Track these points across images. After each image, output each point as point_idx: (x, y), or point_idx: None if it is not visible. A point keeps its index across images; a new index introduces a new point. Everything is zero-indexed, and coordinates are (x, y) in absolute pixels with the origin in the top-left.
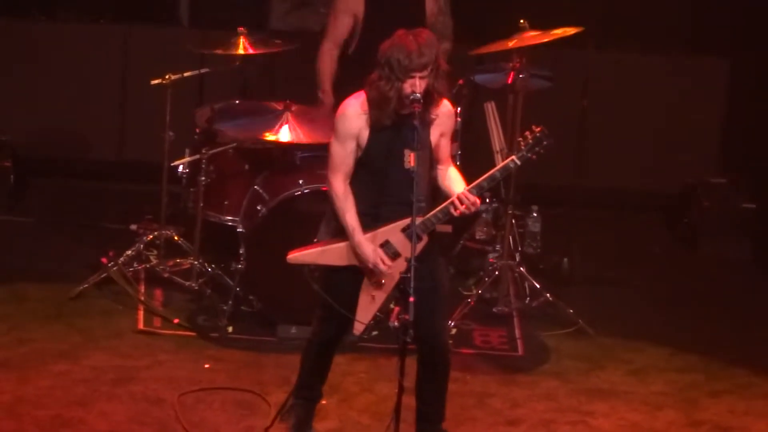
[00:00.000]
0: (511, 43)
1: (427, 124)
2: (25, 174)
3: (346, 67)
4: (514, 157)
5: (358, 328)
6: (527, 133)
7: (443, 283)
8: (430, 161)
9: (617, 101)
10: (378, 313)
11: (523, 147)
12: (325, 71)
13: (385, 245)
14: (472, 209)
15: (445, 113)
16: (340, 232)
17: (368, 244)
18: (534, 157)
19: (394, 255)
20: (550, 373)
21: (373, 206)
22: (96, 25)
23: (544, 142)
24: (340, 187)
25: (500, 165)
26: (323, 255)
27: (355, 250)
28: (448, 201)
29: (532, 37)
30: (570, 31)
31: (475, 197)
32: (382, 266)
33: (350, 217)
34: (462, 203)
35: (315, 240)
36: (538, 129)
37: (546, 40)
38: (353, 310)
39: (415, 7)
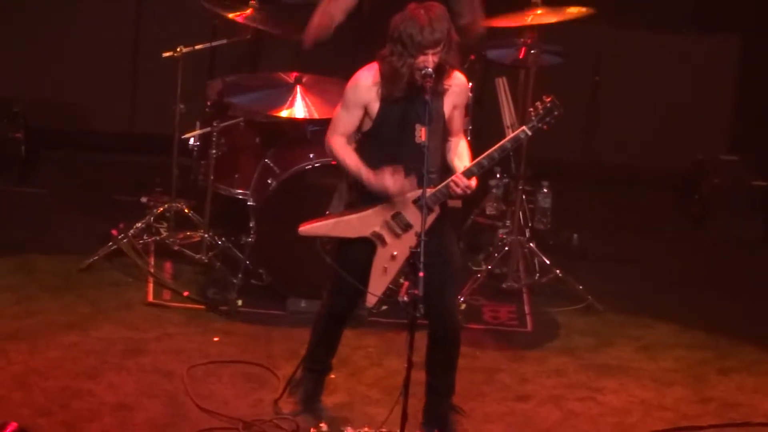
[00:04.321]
0: (529, 19)
1: (439, 95)
2: (37, 145)
3: (358, 40)
4: (525, 127)
5: (371, 300)
6: (537, 103)
7: (454, 258)
8: (443, 133)
9: (628, 77)
10: (390, 286)
11: (533, 117)
12: (314, 21)
13: (397, 217)
14: (468, 191)
15: (458, 85)
16: (353, 205)
17: (380, 174)
18: (545, 127)
19: (406, 227)
20: (559, 349)
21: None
22: None
23: (555, 112)
24: (336, 141)
25: (511, 135)
26: (335, 227)
27: (369, 185)
28: (447, 180)
29: (546, 14)
30: (583, 11)
31: (468, 181)
32: (399, 185)
33: (351, 160)
34: (457, 186)
35: (327, 213)
36: (549, 99)
37: (558, 20)
38: (365, 282)
39: None
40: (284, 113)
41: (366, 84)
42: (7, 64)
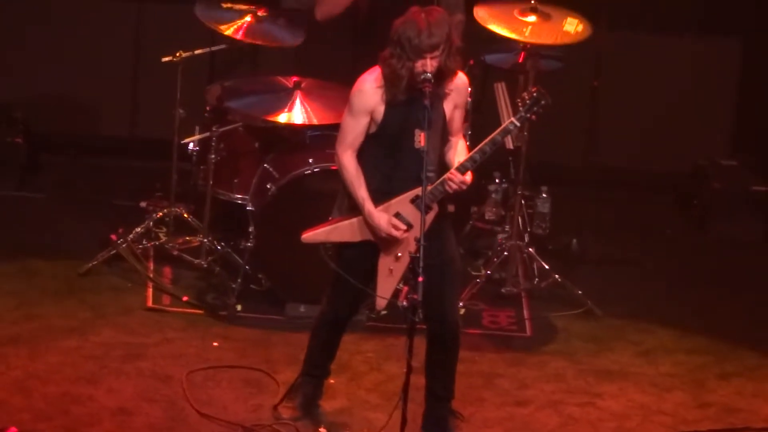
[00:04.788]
0: (526, 32)
1: (440, 98)
2: (37, 150)
3: (357, 40)
4: (513, 119)
5: (381, 303)
6: (524, 94)
7: (455, 260)
8: (443, 133)
9: (628, 81)
10: (398, 287)
11: (521, 108)
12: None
13: (397, 217)
14: (463, 187)
15: (459, 86)
16: (353, 210)
17: (379, 213)
18: (533, 117)
19: (407, 226)
20: (558, 353)
21: (385, 180)
22: (109, 0)
23: (542, 101)
24: (350, 162)
25: (500, 128)
26: (336, 232)
27: (367, 221)
28: (442, 178)
29: (542, 33)
30: (580, 33)
31: (463, 176)
32: (396, 233)
33: (360, 189)
34: (452, 182)
35: (330, 218)
36: (534, 89)
37: (553, 42)
38: (368, 286)
39: None
40: (282, 117)
41: (370, 88)
42: (7, 69)
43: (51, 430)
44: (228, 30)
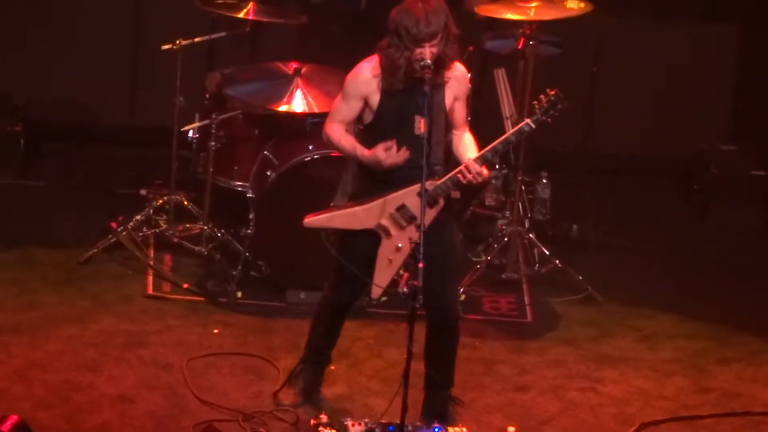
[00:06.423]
0: (531, 13)
1: (439, 87)
2: (36, 138)
3: (355, 24)
4: (528, 120)
5: (376, 291)
6: (542, 96)
7: (455, 249)
8: (445, 125)
9: (627, 67)
10: (395, 277)
11: (537, 110)
12: None
13: (401, 209)
14: (479, 179)
15: (458, 76)
16: (357, 196)
17: (372, 150)
18: (549, 120)
19: (410, 219)
20: (559, 339)
21: (386, 170)
22: None
23: (559, 105)
24: (335, 130)
25: (515, 128)
26: (340, 219)
27: (365, 162)
28: (457, 169)
29: (545, 9)
30: (582, 7)
31: (480, 167)
32: (383, 155)
33: (347, 141)
34: (469, 172)
35: (332, 204)
36: (553, 92)
37: (557, 17)
38: (368, 274)
39: None
40: (283, 107)
41: (366, 76)
42: (6, 57)
43: (52, 418)
44: (241, 14)
